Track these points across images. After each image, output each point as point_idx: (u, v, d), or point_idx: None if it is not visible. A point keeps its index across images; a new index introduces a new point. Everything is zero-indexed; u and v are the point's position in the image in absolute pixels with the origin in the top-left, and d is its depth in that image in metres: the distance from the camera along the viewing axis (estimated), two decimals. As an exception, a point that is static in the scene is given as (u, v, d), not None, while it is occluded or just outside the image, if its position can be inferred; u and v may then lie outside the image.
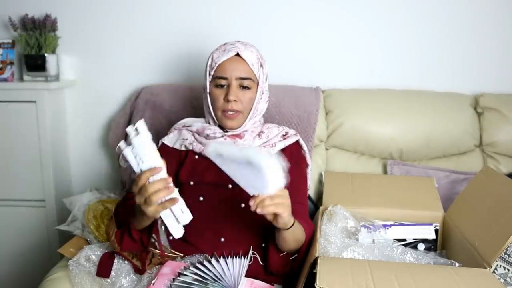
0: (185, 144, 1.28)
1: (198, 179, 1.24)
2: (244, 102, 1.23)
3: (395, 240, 1.29)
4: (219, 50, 1.26)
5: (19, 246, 1.85)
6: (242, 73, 1.22)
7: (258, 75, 1.25)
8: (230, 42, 1.27)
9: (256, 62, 1.24)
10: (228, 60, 1.22)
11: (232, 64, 1.22)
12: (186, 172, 1.25)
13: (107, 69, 1.86)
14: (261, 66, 1.26)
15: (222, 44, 1.27)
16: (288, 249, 1.15)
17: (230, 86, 1.22)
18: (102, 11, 1.82)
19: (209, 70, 1.26)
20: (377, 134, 1.62)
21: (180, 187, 1.28)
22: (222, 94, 1.23)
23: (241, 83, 1.23)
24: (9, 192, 1.80)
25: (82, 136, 1.92)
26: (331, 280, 0.91)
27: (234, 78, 1.22)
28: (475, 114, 1.65)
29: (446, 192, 1.49)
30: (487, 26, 1.72)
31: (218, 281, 1.05)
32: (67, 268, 1.19)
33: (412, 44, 1.75)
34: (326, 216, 1.28)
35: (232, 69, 1.22)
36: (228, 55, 1.22)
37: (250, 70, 1.23)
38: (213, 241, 1.20)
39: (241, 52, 1.22)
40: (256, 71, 1.24)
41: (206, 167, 1.24)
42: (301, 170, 1.32)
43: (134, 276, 1.16)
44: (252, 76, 1.23)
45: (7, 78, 1.81)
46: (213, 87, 1.24)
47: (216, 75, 1.23)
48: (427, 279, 0.94)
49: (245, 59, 1.22)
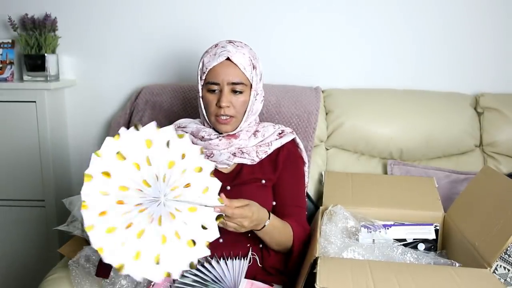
0: None
1: None
2: (237, 106, 1.21)
3: (395, 240, 1.28)
4: (209, 53, 1.22)
5: (19, 246, 1.85)
6: (234, 78, 1.19)
7: (250, 78, 1.22)
8: (221, 44, 1.23)
9: (248, 65, 1.21)
10: (219, 65, 1.19)
11: (223, 69, 1.19)
12: None
13: (107, 69, 1.86)
14: (253, 67, 1.22)
15: (214, 46, 1.24)
16: (272, 248, 1.19)
17: (222, 91, 1.19)
18: (102, 11, 1.82)
19: (200, 74, 1.23)
20: (377, 134, 1.62)
21: None
22: (215, 99, 1.20)
23: (233, 88, 1.20)
24: (9, 192, 1.80)
25: (82, 136, 1.92)
26: (331, 280, 0.91)
27: (226, 84, 1.19)
28: (475, 114, 1.65)
29: (446, 192, 1.49)
30: (487, 26, 1.72)
31: (218, 283, 1.05)
32: (67, 268, 1.19)
33: (412, 44, 1.75)
34: (326, 216, 1.28)
35: (223, 74, 1.19)
36: (219, 60, 1.19)
37: (242, 74, 1.20)
38: (212, 242, 1.20)
39: (231, 56, 1.18)
40: (248, 74, 1.21)
41: None
42: (298, 169, 1.31)
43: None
44: (244, 80, 1.21)
45: (7, 78, 1.81)
46: (206, 91, 1.22)
47: (208, 80, 1.21)
48: (427, 279, 0.94)
49: (237, 63, 1.19)
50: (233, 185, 1.22)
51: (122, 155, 0.92)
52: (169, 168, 0.95)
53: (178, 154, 0.97)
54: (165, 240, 0.92)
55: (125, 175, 0.92)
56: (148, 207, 0.92)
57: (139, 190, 0.92)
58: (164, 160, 0.95)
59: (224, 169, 1.24)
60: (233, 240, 1.18)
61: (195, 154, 0.98)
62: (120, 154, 0.92)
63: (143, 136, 0.95)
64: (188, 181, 0.96)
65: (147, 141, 0.95)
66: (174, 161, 0.96)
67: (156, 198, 0.93)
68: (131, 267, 0.89)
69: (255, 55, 1.26)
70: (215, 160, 1.23)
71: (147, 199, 0.93)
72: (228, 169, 1.25)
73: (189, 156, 0.97)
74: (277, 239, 1.17)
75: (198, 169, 0.97)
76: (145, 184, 0.93)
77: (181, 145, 0.97)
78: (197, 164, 0.98)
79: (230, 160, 1.23)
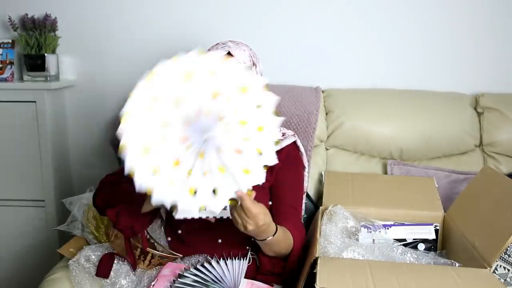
0: None
1: None
2: None
3: (395, 240, 1.28)
4: (210, 50, 1.22)
5: (19, 246, 1.85)
6: None
7: None
8: (221, 42, 1.24)
9: (248, 61, 1.20)
10: None
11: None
12: None
13: (107, 69, 1.86)
14: (253, 64, 1.22)
15: (214, 44, 1.25)
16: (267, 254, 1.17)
17: None
18: (102, 11, 1.82)
19: None
20: (377, 134, 1.61)
21: None
22: None
23: None
24: (9, 192, 1.80)
25: (82, 136, 1.92)
26: (331, 280, 0.91)
27: None
28: (475, 114, 1.65)
29: (446, 192, 1.49)
30: (487, 26, 1.72)
31: (218, 283, 1.05)
32: (67, 268, 1.19)
33: (412, 44, 1.75)
34: (326, 216, 1.28)
35: None
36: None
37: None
38: (210, 242, 1.20)
39: (232, 51, 1.18)
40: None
41: None
42: (298, 173, 1.31)
43: (134, 276, 1.16)
44: None
45: (7, 78, 1.81)
46: None
47: None
48: (427, 279, 0.94)
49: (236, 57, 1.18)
50: None
51: (163, 90, 0.87)
52: (213, 99, 0.88)
53: (223, 81, 0.89)
54: (222, 170, 0.88)
55: (166, 110, 0.87)
56: (193, 142, 0.88)
57: (184, 124, 0.88)
58: (208, 90, 0.88)
59: None
60: (231, 240, 1.19)
61: (240, 75, 0.90)
62: (160, 89, 0.88)
63: (184, 67, 0.89)
64: (235, 107, 0.89)
65: (187, 72, 0.89)
66: (218, 90, 0.89)
67: (202, 133, 0.88)
68: (186, 204, 0.86)
69: (255, 54, 1.26)
70: None
71: (192, 134, 0.88)
72: None
73: (234, 79, 0.90)
74: (275, 251, 1.15)
75: (244, 89, 0.90)
76: (188, 119, 0.88)
77: (227, 70, 0.90)
78: (243, 84, 0.90)
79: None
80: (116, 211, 1.10)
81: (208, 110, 0.89)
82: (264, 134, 0.90)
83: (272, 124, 0.91)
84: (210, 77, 0.90)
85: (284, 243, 1.14)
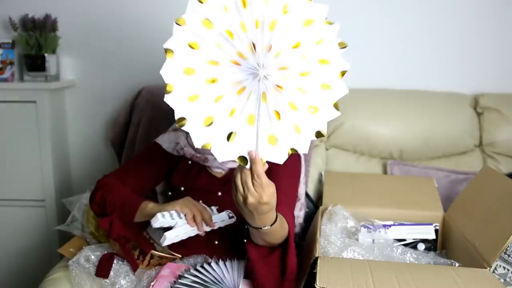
0: (177, 149, 1.27)
1: (189, 185, 1.25)
2: None
3: (395, 240, 1.29)
4: None
5: (19, 246, 1.85)
6: None
7: None
8: None
9: None
10: None
11: None
12: (179, 177, 1.26)
13: (107, 69, 1.86)
14: None
15: None
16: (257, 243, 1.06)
17: None
18: (102, 11, 1.82)
19: None
20: (377, 134, 1.62)
21: (172, 192, 1.28)
22: None
23: None
24: (9, 192, 1.80)
25: (82, 136, 1.92)
26: (331, 280, 0.90)
27: None
28: (475, 114, 1.65)
29: (446, 192, 1.49)
30: (487, 26, 1.72)
31: (218, 284, 1.05)
32: (67, 268, 1.19)
33: (412, 44, 1.75)
34: (326, 216, 1.28)
35: None
36: None
37: None
38: (207, 244, 1.21)
39: None
40: None
41: (197, 172, 1.25)
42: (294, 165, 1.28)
43: (133, 276, 1.16)
44: None
45: (7, 78, 1.81)
46: None
47: None
48: (427, 279, 0.94)
49: None
50: (224, 190, 1.22)
51: (210, 22, 0.76)
52: (270, 31, 0.77)
53: (279, 9, 0.78)
54: (279, 116, 0.79)
55: (215, 46, 0.76)
56: (247, 85, 0.77)
57: (235, 63, 0.77)
58: (265, 22, 0.77)
59: (218, 173, 1.25)
60: (227, 241, 1.19)
61: (301, 3, 0.79)
62: (207, 21, 0.77)
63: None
64: (297, 40, 0.79)
65: (242, 0, 0.77)
66: (276, 19, 0.77)
67: (256, 72, 0.78)
68: (269, 154, 0.78)
69: None
70: (210, 165, 1.24)
71: (245, 74, 0.77)
72: (222, 173, 1.25)
73: (294, 8, 0.79)
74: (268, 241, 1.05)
75: (308, 22, 0.81)
76: (241, 56, 0.77)
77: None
78: (305, 17, 0.81)
79: (225, 165, 1.23)
80: (109, 221, 1.11)
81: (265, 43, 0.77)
82: (326, 67, 0.82)
83: (337, 56, 0.83)
84: (265, 6, 0.78)
85: (279, 235, 1.03)
